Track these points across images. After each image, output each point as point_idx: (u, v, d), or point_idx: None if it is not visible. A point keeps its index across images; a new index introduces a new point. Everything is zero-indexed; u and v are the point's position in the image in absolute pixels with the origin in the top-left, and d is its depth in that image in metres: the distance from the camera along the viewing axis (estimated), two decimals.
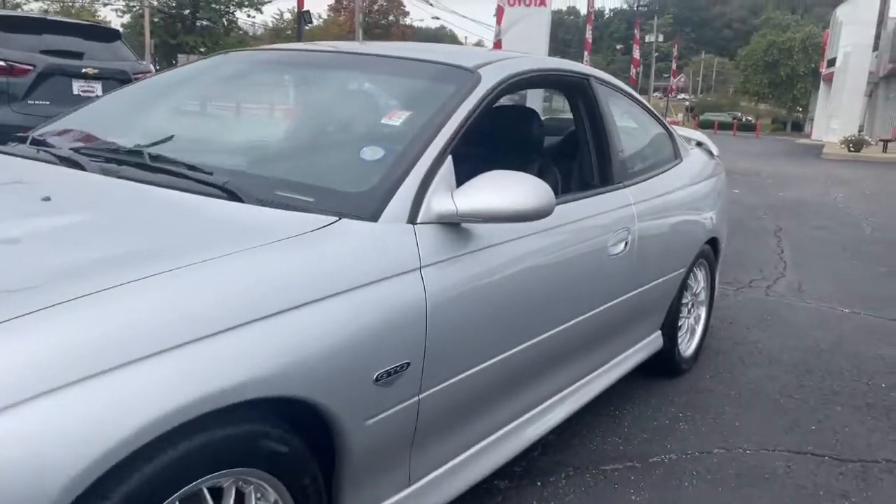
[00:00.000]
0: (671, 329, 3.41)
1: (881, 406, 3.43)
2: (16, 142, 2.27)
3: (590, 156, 2.77)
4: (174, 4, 46.42)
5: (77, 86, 7.43)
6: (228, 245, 1.50)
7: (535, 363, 2.32)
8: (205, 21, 46.61)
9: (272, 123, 2.22)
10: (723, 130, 42.00)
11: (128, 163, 1.96)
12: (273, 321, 1.43)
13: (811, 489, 2.66)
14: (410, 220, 1.82)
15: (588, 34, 24.50)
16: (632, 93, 3.25)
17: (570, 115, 2.93)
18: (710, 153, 4.12)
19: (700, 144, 4.16)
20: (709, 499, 2.56)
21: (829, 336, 4.46)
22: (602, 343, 2.78)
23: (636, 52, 36.51)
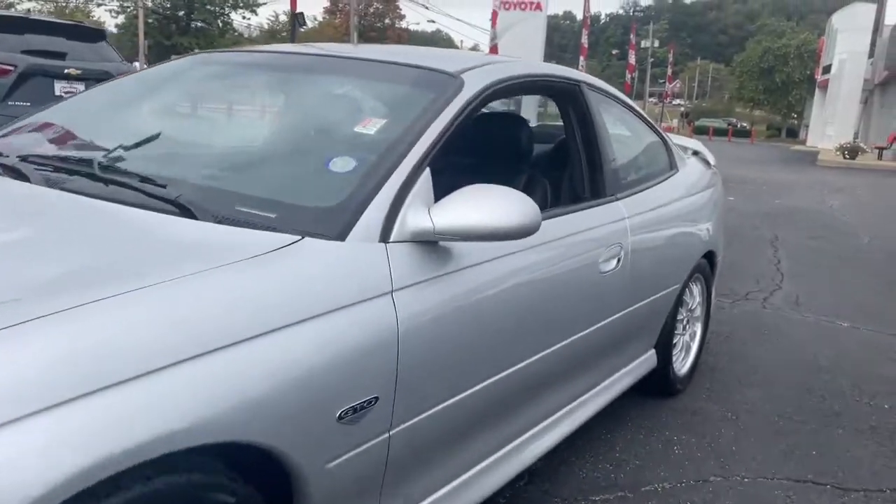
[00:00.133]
0: (665, 347, 3.26)
1: (885, 429, 3.28)
2: None
3: (581, 166, 2.62)
4: (169, 5, 46.20)
5: (59, 87, 7.26)
6: (172, 269, 1.34)
7: (521, 389, 2.16)
8: (199, 22, 46.39)
9: (238, 130, 2.06)
10: (718, 136, 41.99)
11: (78, 173, 1.80)
12: (218, 357, 1.28)
13: None
14: (382, 239, 1.66)
15: (584, 39, 24.41)
16: (625, 100, 3.10)
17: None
18: (707, 162, 3.97)
19: (696, 153, 4.01)
20: None
21: (829, 352, 4.31)
22: (592, 365, 2.63)
23: (632, 58, 36.45)
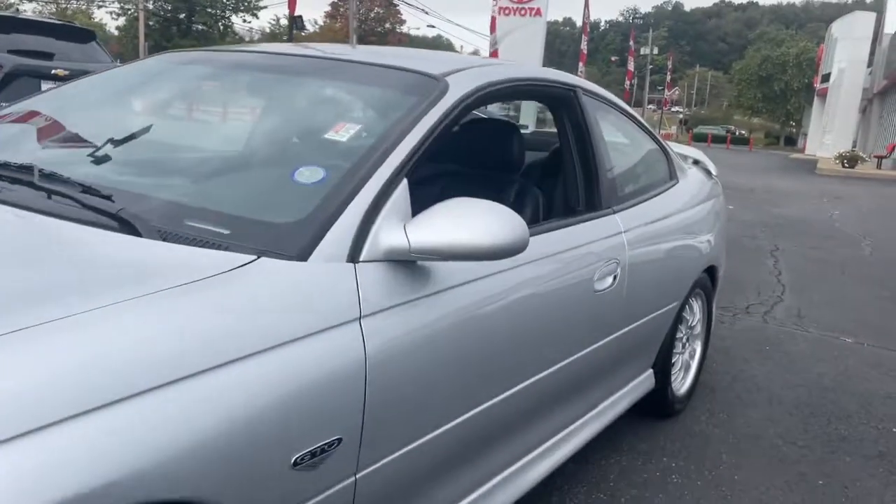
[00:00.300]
0: (664, 367, 3.09)
1: (894, 456, 3.11)
2: None
3: (575, 177, 2.45)
4: (170, 8, 46.10)
5: (46, 87, 7.09)
6: (97, 297, 1.16)
7: (508, 419, 1.99)
8: (200, 25, 46.29)
9: (198, 135, 1.89)
10: (716, 144, 41.91)
11: (16, 181, 1.63)
12: (148, 399, 1.10)
13: None
14: (351, 259, 1.49)
15: (583, 45, 24.31)
16: (623, 106, 2.94)
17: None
18: (708, 172, 3.81)
19: (697, 163, 3.84)
20: None
21: (833, 370, 4.14)
22: (586, 389, 2.46)
23: (631, 64, 36.43)
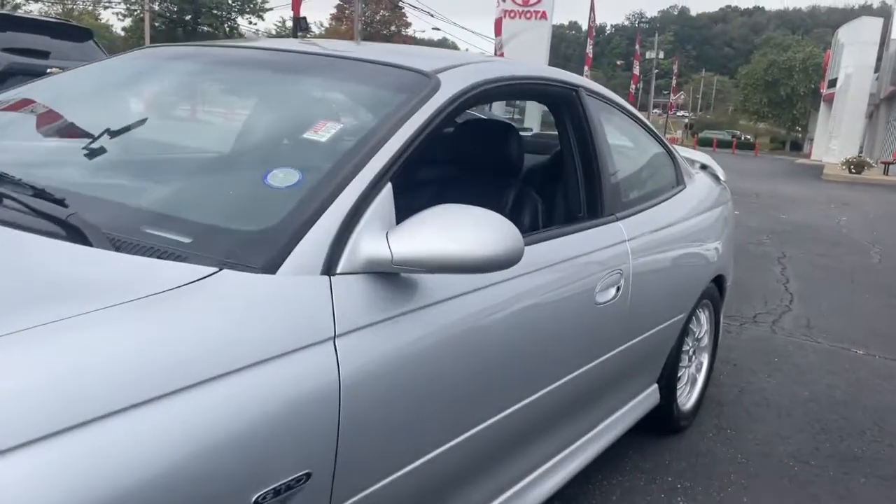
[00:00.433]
0: (669, 381, 2.94)
1: None
2: None
3: (577, 182, 2.31)
4: (175, 10, 46.11)
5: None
6: (21, 318, 1.03)
7: (502, 442, 1.85)
8: (206, 27, 46.27)
9: (167, 134, 1.76)
10: (721, 148, 41.72)
11: None
12: (89, 432, 0.97)
13: None
14: (326, 271, 1.35)
15: (589, 49, 24.22)
16: (628, 108, 2.79)
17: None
18: (716, 177, 3.66)
19: (705, 167, 3.70)
20: None
21: (844, 383, 3.99)
22: (586, 408, 2.31)
23: (636, 69, 36.28)
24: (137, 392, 1.03)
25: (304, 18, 20.32)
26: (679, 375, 3.06)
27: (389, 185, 1.52)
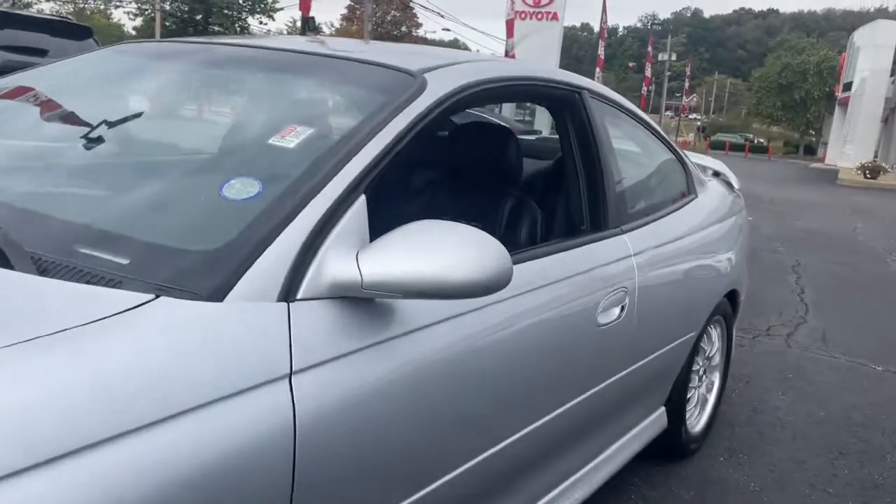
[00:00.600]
0: (678, 404, 2.76)
1: None
2: None
3: (579, 191, 2.13)
4: (186, 9, 46.13)
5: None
6: None
7: (491, 480, 1.67)
8: (217, 27, 46.27)
9: (126, 137, 1.59)
10: (734, 152, 41.41)
11: None
12: None
13: None
14: (284, 297, 1.19)
15: (600, 51, 24.03)
16: (636, 111, 2.61)
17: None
18: (730, 185, 3.48)
19: (717, 174, 3.51)
20: None
21: (862, 402, 3.79)
22: (586, 437, 2.13)
23: (648, 71, 36.02)
24: (40, 450, 0.86)
25: (313, 18, 20.23)
26: (688, 397, 2.87)
27: (363, 198, 1.35)
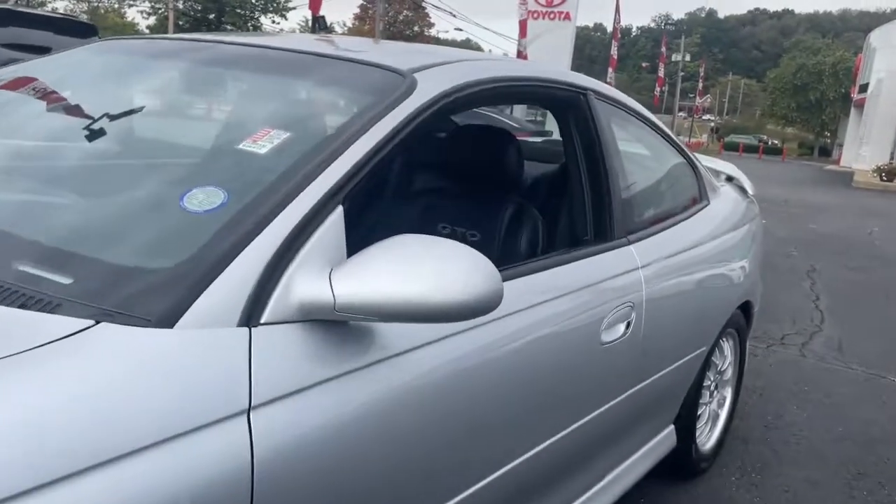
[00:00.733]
0: (688, 421, 2.62)
1: None
2: None
3: (583, 198, 2.00)
4: (199, 8, 46.23)
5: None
6: None
7: None
8: (230, 26, 46.34)
9: (82, 137, 1.47)
10: (748, 153, 41.08)
11: None
12: None
13: None
14: (246, 321, 1.06)
15: (613, 51, 23.85)
16: (645, 113, 2.47)
17: None
18: (744, 191, 3.33)
19: (731, 179, 3.37)
20: None
21: (882, 418, 3.63)
22: (588, 461, 2.00)
23: (661, 71, 35.76)
24: None
25: (323, 17, 20.17)
26: (699, 413, 2.73)
27: (340, 210, 1.23)
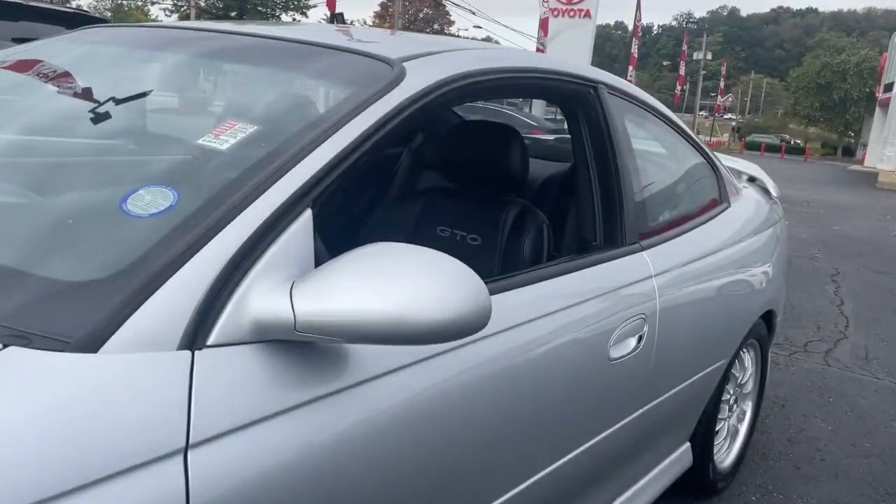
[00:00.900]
0: (705, 439, 2.45)
1: None
2: None
3: (592, 200, 1.84)
4: (221, 6, 46.38)
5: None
6: None
7: None
8: None
9: (24, 132, 1.34)
10: (770, 153, 40.57)
11: None
12: None
13: None
14: (189, 343, 0.92)
15: (634, 49, 23.63)
16: (661, 109, 2.31)
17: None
18: (767, 192, 3.15)
19: (753, 180, 3.19)
20: None
21: None
22: (594, 486, 1.84)
23: (682, 69, 35.39)
24: None
25: (341, 14, 20.12)
26: (717, 430, 2.56)
27: (309, 214, 1.08)
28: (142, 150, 1.29)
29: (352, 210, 2.24)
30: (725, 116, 79.17)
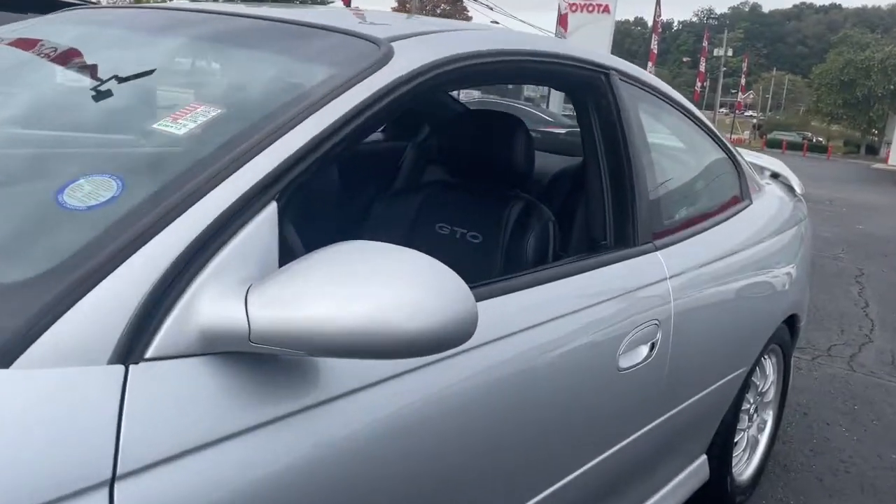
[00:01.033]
0: (722, 451, 2.30)
1: None
2: None
3: (602, 197, 1.70)
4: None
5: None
6: None
7: None
8: None
9: None
10: (791, 151, 40.07)
11: None
12: None
13: None
14: (123, 357, 0.80)
15: (654, 45, 23.38)
16: (679, 100, 2.15)
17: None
18: (791, 189, 2.99)
19: (776, 176, 3.03)
20: None
21: None
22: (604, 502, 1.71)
23: (702, 66, 35.01)
24: None
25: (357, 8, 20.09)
26: (735, 441, 2.41)
27: (274, 208, 0.95)
28: (90, 137, 1.16)
29: (351, 206, 2.12)
30: (746, 114, 78.37)
